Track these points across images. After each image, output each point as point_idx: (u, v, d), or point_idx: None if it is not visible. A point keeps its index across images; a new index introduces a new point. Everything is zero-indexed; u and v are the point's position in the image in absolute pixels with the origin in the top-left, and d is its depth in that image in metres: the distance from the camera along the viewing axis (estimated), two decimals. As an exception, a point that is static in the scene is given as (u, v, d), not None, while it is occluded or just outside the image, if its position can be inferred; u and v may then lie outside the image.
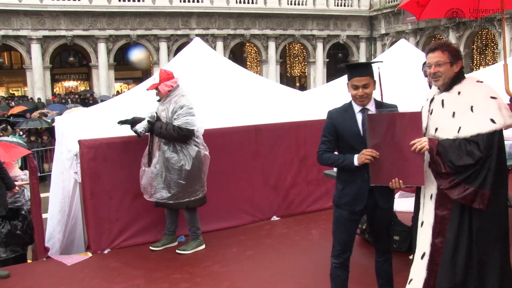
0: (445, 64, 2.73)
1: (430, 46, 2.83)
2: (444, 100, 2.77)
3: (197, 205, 4.52)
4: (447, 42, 2.85)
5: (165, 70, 4.53)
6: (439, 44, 2.81)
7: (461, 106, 2.68)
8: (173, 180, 4.34)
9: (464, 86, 2.75)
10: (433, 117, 2.80)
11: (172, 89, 4.39)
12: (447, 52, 2.74)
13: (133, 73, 31.50)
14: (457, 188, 2.60)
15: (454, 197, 2.61)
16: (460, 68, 2.77)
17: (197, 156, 4.38)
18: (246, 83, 6.14)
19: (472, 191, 2.56)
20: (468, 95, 2.70)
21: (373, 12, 30.46)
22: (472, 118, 2.63)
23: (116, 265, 4.31)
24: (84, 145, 4.52)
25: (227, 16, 27.86)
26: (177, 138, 4.30)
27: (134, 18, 26.28)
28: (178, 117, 4.30)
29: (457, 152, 2.59)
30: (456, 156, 2.58)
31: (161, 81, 4.38)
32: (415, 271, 2.85)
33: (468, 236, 2.65)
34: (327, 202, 5.78)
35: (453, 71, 2.75)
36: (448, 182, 2.63)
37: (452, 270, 2.67)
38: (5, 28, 24.18)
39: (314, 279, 3.96)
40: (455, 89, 2.75)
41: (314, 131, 5.68)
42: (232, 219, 5.22)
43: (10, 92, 31.28)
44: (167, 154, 4.34)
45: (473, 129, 2.60)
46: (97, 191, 4.59)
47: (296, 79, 35.96)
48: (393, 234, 4.48)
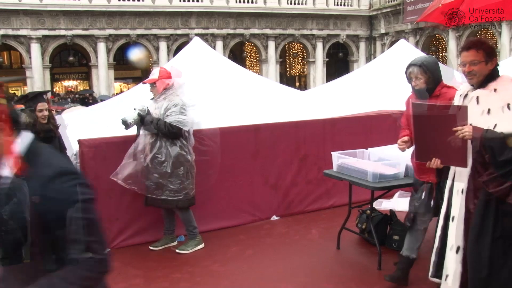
0: (480, 63, 2.75)
1: (465, 45, 2.85)
2: (479, 97, 2.79)
3: (186, 205, 4.49)
4: (482, 40, 2.85)
5: (166, 69, 4.53)
6: (473, 42, 2.82)
7: (497, 103, 2.71)
8: (154, 176, 4.34)
9: (499, 84, 2.77)
10: None
11: (168, 88, 4.40)
12: (482, 50, 2.75)
13: (133, 72, 31.47)
14: (494, 182, 2.65)
15: (490, 190, 2.66)
16: (495, 66, 2.78)
17: (177, 157, 4.33)
18: (246, 83, 6.15)
19: (509, 186, 2.61)
20: (505, 93, 2.72)
21: (373, 12, 30.43)
22: (509, 116, 2.66)
23: (116, 265, 4.27)
24: (84, 145, 4.52)
25: (227, 15, 27.84)
26: (166, 134, 4.28)
27: (134, 18, 26.26)
28: (170, 114, 4.29)
29: (500, 145, 2.62)
30: (498, 149, 2.62)
31: (160, 78, 4.39)
32: (450, 266, 2.86)
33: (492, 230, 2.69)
34: (327, 202, 5.79)
35: (488, 69, 2.77)
36: (486, 175, 2.68)
37: (478, 261, 2.71)
38: (4, 28, 24.15)
39: (314, 279, 3.96)
40: (491, 86, 2.77)
41: (313, 130, 5.71)
42: (232, 219, 5.22)
43: (9, 92, 31.25)
44: (153, 151, 4.34)
45: (510, 127, 2.63)
46: (97, 191, 4.57)
47: (296, 78, 35.95)
48: (392, 234, 4.50)
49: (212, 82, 5.68)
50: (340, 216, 4.81)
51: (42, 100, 4.08)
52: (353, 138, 5.68)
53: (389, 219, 4.62)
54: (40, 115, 3.97)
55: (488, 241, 2.69)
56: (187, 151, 4.42)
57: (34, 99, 4.07)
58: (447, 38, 25.30)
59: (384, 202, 5.61)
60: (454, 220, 2.86)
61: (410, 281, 3.70)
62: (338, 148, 4.85)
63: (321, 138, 5.71)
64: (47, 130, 4.01)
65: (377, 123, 6.06)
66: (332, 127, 5.78)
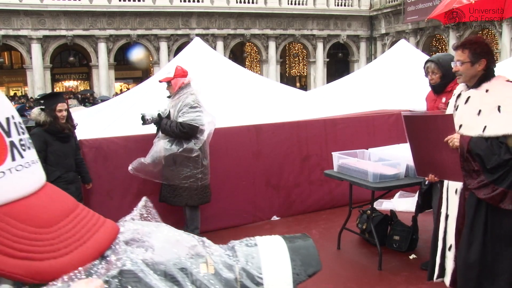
0: (465, 63, 2.74)
1: (454, 44, 2.86)
2: (470, 97, 2.77)
3: (196, 203, 4.50)
4: (472, 40, 2.82)
5: (182, 67, 4.54)
6: (462, 42, 2.82)
7: (487, 105, 2.68)
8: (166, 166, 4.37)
9: (493, 85, 2.74)
10: (458, 113, 2.81)
11: (183, 86, 4.40)
12: (468, 50, 2.74)
13: (133, 73, 31.50)
14: (485, 188, 2.61)
15: (481, 197, 2.62)
16: (487, 66, 2.75)
17: (186, 149, 4.34)
18: (247, 83, 6.15)
19: (501, 192, 2.57)
20: (496, 94, 2.69)
21: (373, 12, 30.44)
22: (499, 118, 2.62)
23: (117, 265, 4.30)
24: (85, 145, 4.53)
25: (227, 16, 27.85)
26: (178, 135, 4.30)
27: (134, 18, 26.28)
28: (182, 114, 4.31)
29: (487, 151, 2.59)
30: (486, 156, 2.59)
31: (175, 76, 4.40)
32: (442, 262, 2.86)
33: (483, 230, 2.68)
34: (328, 202, 5.79)
35: (476, 69, 2.74)
36: (477, 182, 2.64)
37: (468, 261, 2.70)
38: (5, 28, 24.18)
39: (314, 279, 3.94)
40: (484, 87, 2.75)
41: (315, 130, 5.71)
42: (232, 219, 5.22)
43: (11, 92, 31.27)
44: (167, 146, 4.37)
45: (499, 129, 2.60)
46: (97, 191, 4.59)
47: (296, 79, 35.96)
48: (393, 234, 4.50)
49: (212, 82, 5.69)
50: (340, 217, 4.81)
51: (62, 101, 4.17)
52: (355, 138, 5.68)
53: (389, 219, 4.62)
54: (59, 115, 4.05)
55: (480, 241, 2.67)
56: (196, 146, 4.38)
57: (54, 99, 4.16)
58: (448, 39, 25.28)
59: (384, 202, 5.61)
60: (448, 219, 2.86)
61: (410, 281, 3.71)
62: (341, 148, 4.85)
63: (323, 138, 5.71)
64: (65, 129, 4.10)
65: (379, 123, 6.07)
66: (334, 127, 5.78)
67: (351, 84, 8.60)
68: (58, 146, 4.06)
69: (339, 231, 4.56)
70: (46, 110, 4.05)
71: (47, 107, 4.06)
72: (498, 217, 2.64)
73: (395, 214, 4.69)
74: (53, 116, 4.02)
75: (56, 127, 4.03)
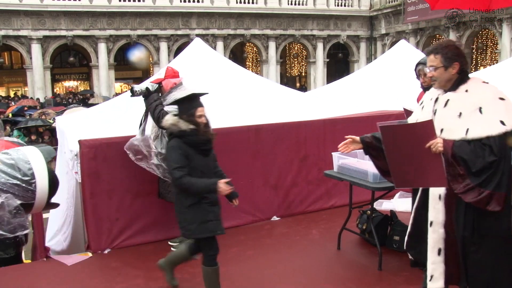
0: (438, 68, 2.71)
1: (425, 50, 2.83)
2: (449, 100, 2.73)
3: None
4: (442, 44, 2.79)
5: (172, 68, 4.52)
6: (433, 47, 2.78)
7: (468, 107, 2.64)
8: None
9: (471, 86, 2.72)
10: (437, 117, 2.76)
11: (174, 87, 4.38)
12: (440, 55, 2.71)
13: (133, 73, 31.50)
14: (471, 192, 2.58)
15: (468, 201, 2.59)
16: (460, 69, 2.73)
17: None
18: (247, 83, 6.15)
19: (488, 194, 2.54)
20: (476, 96, 2.66)
21: (373, 12, 30.45)
22: (481, 120, 2.59)
23: (116, 265, 4.31)
24: (84, 145, 4.52)
25: (227, 16, 27.87)
26: (153, 118, 4.17)
27: (135, 18, 26.29)
28: (169, 106, 4.25)
29: (471, 155, 2.56)
30: (471, 160, 2.56)
31: (166, 77, 4.38)
32: (434, 267, 2.84)
33: (472, 232, 2.66)
34: (327, 202, 5.79)
35: (450, 73, 2.72)
36: (462, 186, 2.60)
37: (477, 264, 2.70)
38: (5, 28, 24.20)
39: (314, 279, 3.96)
40: (462, 88, 2.72)
41: (314, 131, 5.71)
42: (232, 219, 5.21)
43: (11, 92, 31.27)
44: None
45: (482, 131, 2.57)
46: (97, 191, 4.59)
47: (296, 79, 35.97)
48: (393, 234, 4.49)
49: (212, 82, 5.68)
50: (340, 217, 4.80)
51: (201, 104, 3.42)
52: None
53: (389, 219, 4.62)
54: (200, 121, 3.33)
55: (475, 241, 2.66)
56: None
57: (193, 103, 3.39)
58: (448, 38, 25.28)
59: (384, 202, 5.60)
60: (432, 225, 2.79)
61: (410, 281, 3.70)
62: (339, 148, 4.84)
63: (322, 138, 5.70)
64: (209, 139, 3.43)
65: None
66: (332, 127, 5.78)
67: (351, 84, 8.59)
68: (200, 160, 3.35)
69: (339, 231, 4.56)
70: (183, 116, 3.33)
71: (183, 112, 3.35)
72: (485, 219, 2.63)
73: (395, 214, 4.69)
74: (194, 123, 3.32)
75: (198, 137, 3.34)
